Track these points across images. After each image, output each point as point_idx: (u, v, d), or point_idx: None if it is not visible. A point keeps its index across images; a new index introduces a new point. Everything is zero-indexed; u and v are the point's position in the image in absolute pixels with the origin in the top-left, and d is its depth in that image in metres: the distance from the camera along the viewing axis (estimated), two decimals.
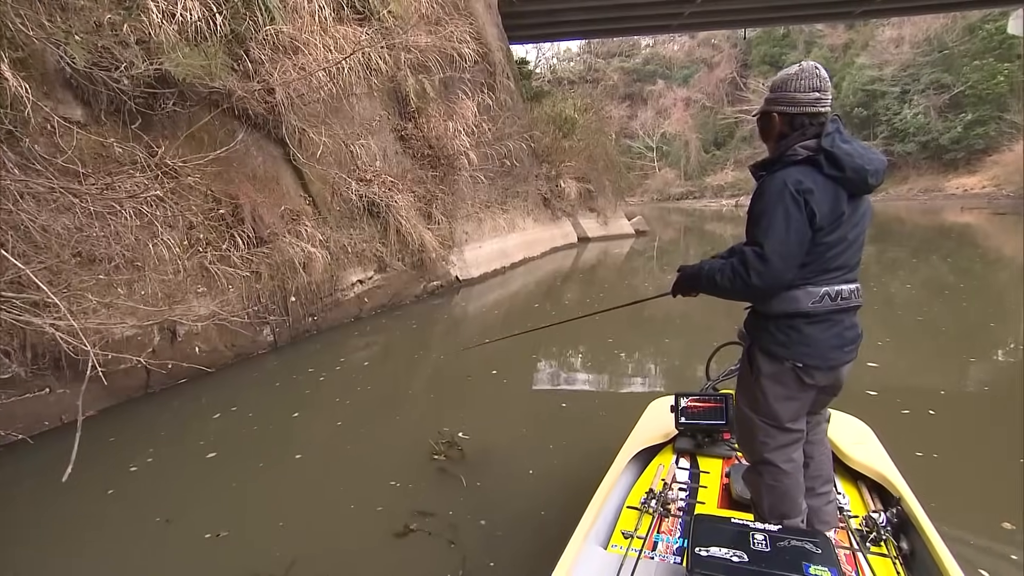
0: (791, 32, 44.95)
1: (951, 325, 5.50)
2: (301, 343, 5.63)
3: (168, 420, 3.64)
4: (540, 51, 41.67)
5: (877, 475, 1.84)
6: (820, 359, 1.48)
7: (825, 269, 1.45)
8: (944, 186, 32.49)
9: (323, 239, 6.15)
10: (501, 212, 11.03)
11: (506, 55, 12.73)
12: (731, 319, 1.90)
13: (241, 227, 4.81)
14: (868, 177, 1.42)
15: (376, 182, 6.84)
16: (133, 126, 4.01)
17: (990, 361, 4.41)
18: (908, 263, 10.12)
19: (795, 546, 1.30)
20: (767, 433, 1.55)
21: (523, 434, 3.26)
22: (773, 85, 1.54)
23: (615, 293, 8.32)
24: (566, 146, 16.49)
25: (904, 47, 35.46)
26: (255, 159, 5.47)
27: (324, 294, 6.08)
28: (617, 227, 17.74)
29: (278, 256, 5.39)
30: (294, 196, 5.92)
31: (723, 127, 45.98)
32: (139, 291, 4.09)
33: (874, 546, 1.55)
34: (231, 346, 4.87)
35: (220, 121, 5.07)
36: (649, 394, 2.86)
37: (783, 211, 1.39)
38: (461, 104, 8.12)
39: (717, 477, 1.95)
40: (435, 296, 8.07)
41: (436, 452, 2.95)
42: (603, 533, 1.64)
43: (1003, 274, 8.56)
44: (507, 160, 10.82)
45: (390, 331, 6.23)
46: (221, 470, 2.92)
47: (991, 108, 30.52)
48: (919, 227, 18.45)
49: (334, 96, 6.11)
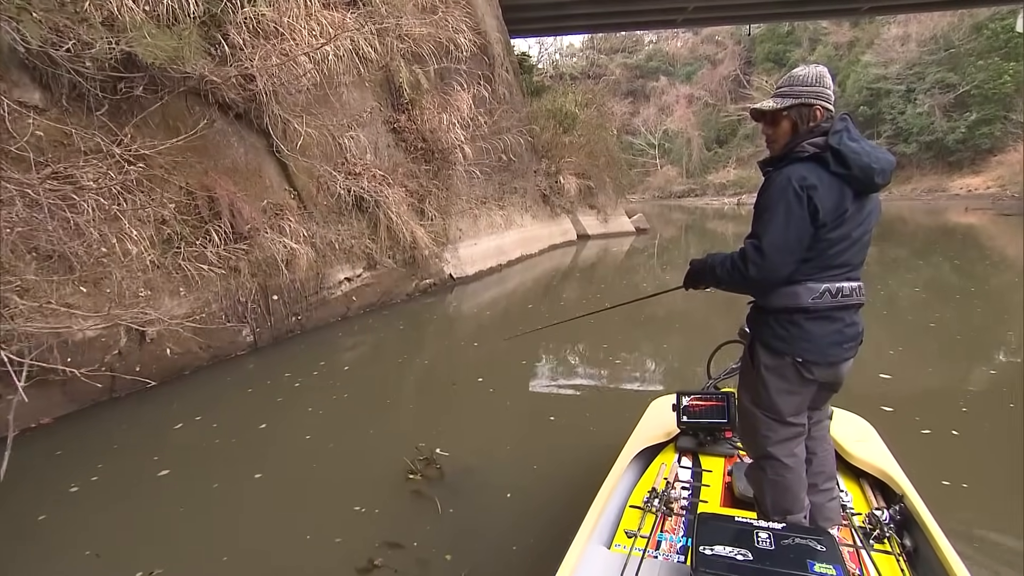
0: (795, 29, 44.53)
1: (965, 332, 5.22)
2: (284, 344, 5.38)
3: (126, 430, 3.37)
4: (543, 46, 41.33)
5: (880, 472, 1.83)
6: (820, 355, 1.49)
7: (827, 266, 1.46)
8: (948, 186, 32.22)
9: (308, 235, 5.89)
10: (498, 208, 10.75)
11: (506, 48, 12.42)
12: (731, 317, 1.88)
13: (218, 222, 4.55)
14: (875, 176, 1.41)
15: (366, 176, 6.57)
16: (98, 113, 3.74)
17: (1009, 372, 4.15)
18: (915, 264, 9.86)
19: (799, 544, 1.29)
20: (769, 427, 1.56)
21: (507, 451, 2.99)
22: (808, 80, 1.51)
23: (615, 291, 8.07)
24: (566, 141, 16.20)
25: (910, 45, 35.09)
26: (236, 150, 5.20)
27: (309, 292, 5.82)
28: (617, 225, 17.48)
29: (259, 252, 5.13)
30: (278, 190, 5.65)
31: (726, 125, 45.64)
32: (105, 290, 3.83)
33: (877, 543, 1.54)
34: (207, 347, 4.61)
35: (198, 110, 4.80)
36: (647, 399, 2.66)
37: (784, 206, 1.41)
38: (456, 96, 7.82)
39: (719, 475, 1.94)
40: (428, 294, 7.82)
41: (412, 471, 2.69)
42: (606, 533, 1.63)
43: (1014, 278, 8.29)
44: (505, 155, 10.54)
45: (377, 332, 5.97)
46: (171, 491, 2.64)
47: (996, 108, 30.26)
48: (922, 227, 18.19)
49: (321, 85, 5.83)
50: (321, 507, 2.49)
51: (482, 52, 9.98)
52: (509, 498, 2.49)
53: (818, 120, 1.49)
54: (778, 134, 1.54)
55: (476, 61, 9.85)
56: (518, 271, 10.51)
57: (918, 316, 5.88)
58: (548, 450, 2.98)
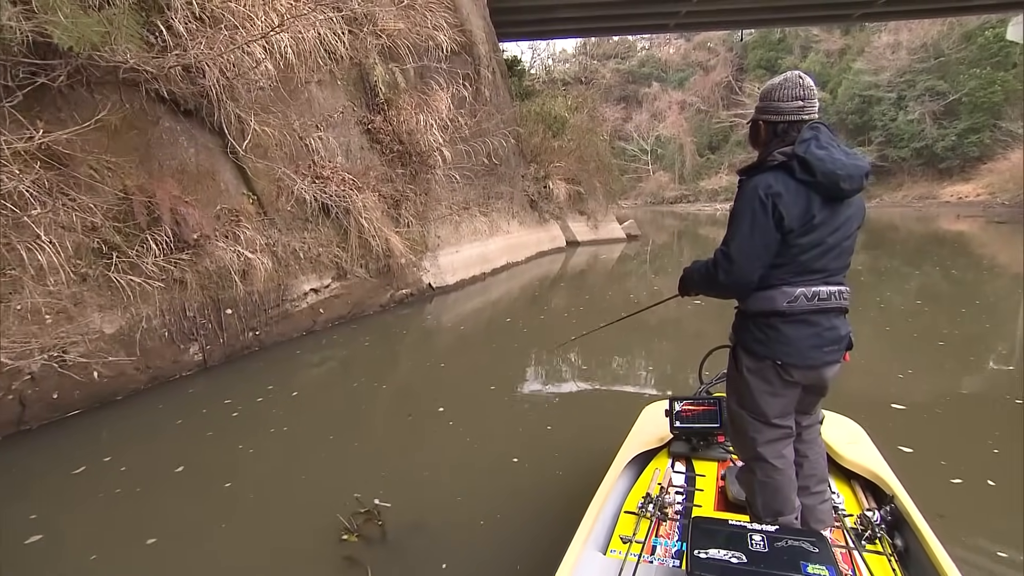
0: (787, 36, 44.66)
1: (979, 352, 4.80)
2: (238, 362, 4.92)
3: (17, 475, 2.85)
4: (535, 52, 41.11)
5: (870, 474, 1.84)
6: (798, 357, 1.50)
7: (803, 270, 1.48)
8: (939, 193, 32.26)
9: (270, 242, 5.45)
10: (482, 214, 10.34)
11: (493, 49, 12.04)
12: (722, 323, 1.79)
13: (157, 229, 4.09)
14: (840, 182, 1.41)
15: (335, 179, 6.13)
16: (8, 104, 3.29)
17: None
18: (911, 275, 9.53)
19: (792, 546, 1.29)
20: (755, 428, 1.58)
21: (459, 503, 2.51)
22: (761, 94, 1.59)
23: (607, 300, 7.66)
24: (555, 146, 15.85)
25: (901, 53, 35.22)
26: (185, 151, 4.74)
27: (269, 305, 5.37)
28: (608, 231, 17.14)
29: (209, 262, 4.68)
30: (234, 194, 5.20)
31: (718, 131, 45.64)
32: (15, 306, 3.37)
33: (869, 544, 1.55)
34: (144, 368, 4.15)
35: (138, 106, 4.36)
36: (634, 415, 2.39)
37: (751, 214, 1.45)
38: (435, 96, 7.40)
39: (713, 480, 1.94)
40: (405, 305, 7.38)
41: (347, 530, 2.25)
42: (602, 538, 1.62)
43: (1018, 288, 7.97)
44: (490, 159, 10.13)
45: (341, 348, 5.49)
46: (34, 567, 2.11)
47: (986, 116, 30.36)
48: (914, 234, 17.97)
49: (284, 81, 5.40)
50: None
51: (466, 52, 9.58)
52: (463, 561, 2.06)
53: (762, 135, 1.57)
54: (755, 144, 1.61)
55: (459, 61, 9.46)
56: (503, 279, 10.09)
57: (925, 333, 5.49)
58: (510, 497, 2.54)
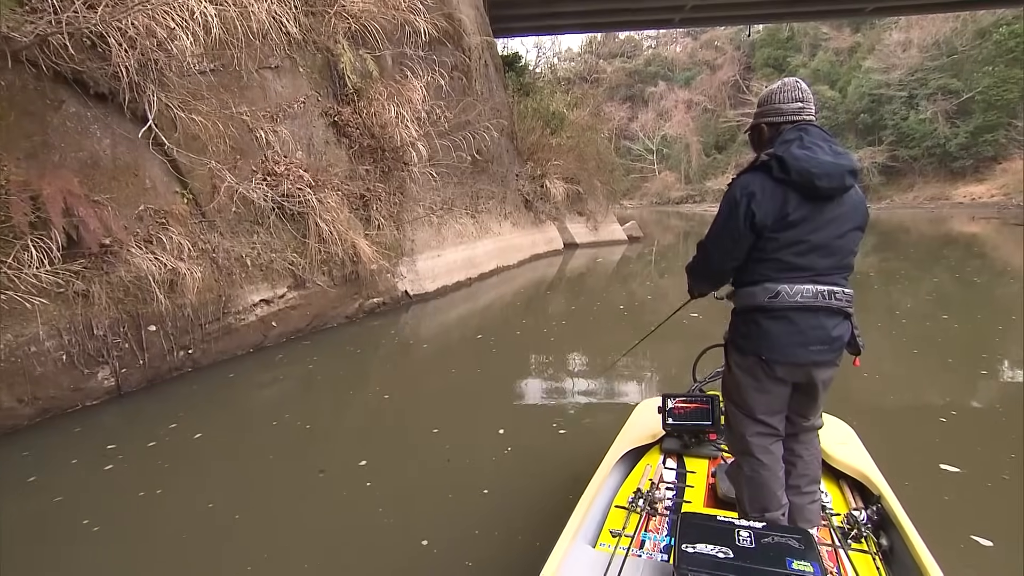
0: (795, 35, 43.78)
1: (991, 362, 4.09)
2: (163, 386, 4.25)
3: None
4: (540, 50, 40.40)
5: (858, 474, 1.84)
6: (780, 353, 1.50)
7: (786, 268, 1.48)
8: (951, 194, 31.37)
9: (207, 248, 4.78)
10: (468, 215, 9.65)
11: (486, 40, 11.35)
12: (718, 323, 1.71)
13: (46, 233, 3.43)
14: (815, 180, 1.41)
15: (290, 176, 5.46)
16: None
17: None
18: (937, 287, 8.76)
19: (779, 542, 1.30)
20: (743, 423, 1.60)
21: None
22: (760, 100, 1.63)
23: (607, 308, 6.96)
24: (553, 143, 15.14)
25: (912, 51, 34.30)
26: (97, 141, 4.08)
27: (207, 319, 4.70)
28: (608, 232, 16.44)
29: (124, 272, 4.02)
30: (163, 192, 4.53)
31: (725, 130, 44.88)
32: None
33: (855, 543, 1.55)
34: (31, 399, 3.48)
35: (36, 88, 3.70)
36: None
37: (726, 211, 1.52)
38: (407, 86, 6.71)
39: (703, 477, 1.95)
40: (376, 315, 6.70)
41: None
42: (592, 532, 1.63)
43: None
44: (478, 155, 9.45)
45: (281, 370, 4.71)
46: None
47: (1000, 114, 29.41)
48: (925, 236, 17.15)
49: (227, 67, 4.74)
50: None
51: (451, 41, 8.90)
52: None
53: (765, 137, 1.60)
54: (758, 148, 1.62)
55: (445, 51, 8.78)
56: (492, 285, 9.40)
57: (962, 357, 4.76)
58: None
